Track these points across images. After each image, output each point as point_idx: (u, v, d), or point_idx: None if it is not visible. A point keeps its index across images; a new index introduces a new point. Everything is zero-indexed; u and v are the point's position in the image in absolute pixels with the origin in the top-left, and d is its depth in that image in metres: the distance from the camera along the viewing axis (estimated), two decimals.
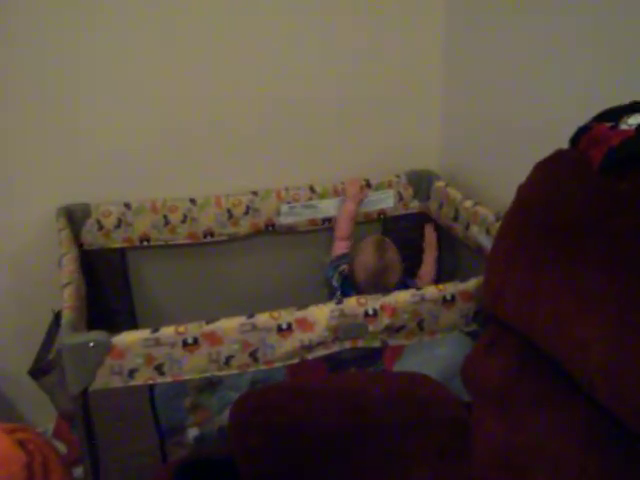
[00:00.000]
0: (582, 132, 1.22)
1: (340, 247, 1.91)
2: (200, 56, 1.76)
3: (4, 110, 1.66)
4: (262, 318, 1.30)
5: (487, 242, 1.62)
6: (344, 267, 1.82)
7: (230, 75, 1.80)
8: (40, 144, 1.72)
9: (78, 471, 1.61)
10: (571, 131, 1.22)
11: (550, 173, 1.24)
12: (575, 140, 1.23)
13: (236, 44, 1.78)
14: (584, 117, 1.22)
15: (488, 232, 1.64)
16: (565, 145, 1.24)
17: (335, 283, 1.82)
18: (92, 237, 1.78)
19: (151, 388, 1.30)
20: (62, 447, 1.78)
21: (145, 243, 1.83)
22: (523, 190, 1.28)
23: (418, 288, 1.43)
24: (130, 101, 1.75)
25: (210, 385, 1.76)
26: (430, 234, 1.99)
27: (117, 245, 1.81)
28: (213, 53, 1.77)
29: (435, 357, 1.63)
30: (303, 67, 1.86)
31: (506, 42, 1.70)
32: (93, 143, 1.76)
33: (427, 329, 1.42)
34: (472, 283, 1.41)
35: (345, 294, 1.74)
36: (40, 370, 1.50)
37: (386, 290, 1.60)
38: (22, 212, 1.76)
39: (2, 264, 1.80)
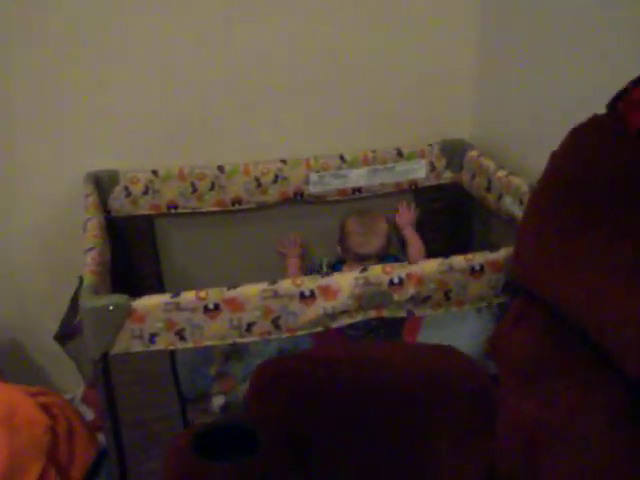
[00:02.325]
0: (620, 96, 1.17)
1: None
2: (229, 20, 1.73)
3: (34, 76, 1.66)
4: (284, 285, 1.27)
5: (520, 212, 1.57)
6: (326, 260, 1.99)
7: (259, 40, 1.77)
8: (70, 110, 1.72)
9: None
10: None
11: (585, 139, 1.20)
12: (613, 105, 1.18)
13: (271, 7, 1.75)
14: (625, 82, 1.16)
15: (521, 202, 1.59)
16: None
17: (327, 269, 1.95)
18: (120, 204, 1.77)
19: (172, 353, 1.30)
20: (90, 413, 1.80)
21: (173, 210, 1.82)
22: (556, 157, 1.24)
23: None
24: (158, 68, 1.73)
25: (236, 353, 1.75)
26: (405, 214, 2.01)
27: (145, 212, 1.80)
28: (245, 17, 1.73)
29: (460, 334, 1.59)
30: (336, 34, 1.82)
31: (543, 5, 1.63)
32: (122, 110, 1.75)
33: (454, 300, 1.39)
34: (502, 253, 1.37)
35: None
36: (65, 335, 1.50)
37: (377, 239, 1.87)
38: (51, 179, 1.77)
39: (31, 230, 1.81)
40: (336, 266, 1.96)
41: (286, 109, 1.86)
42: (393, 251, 1.99)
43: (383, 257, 1.90)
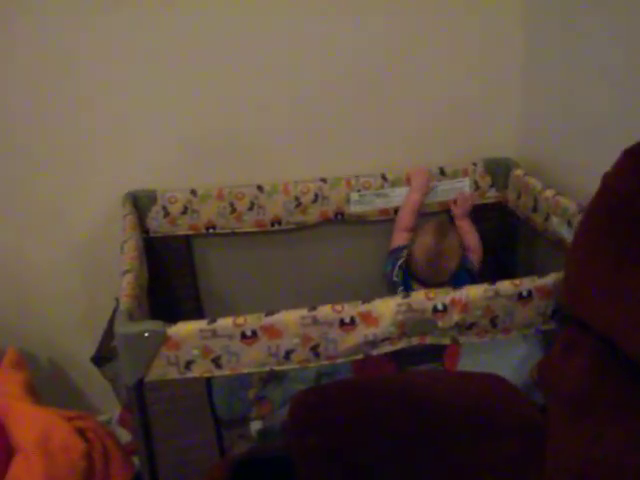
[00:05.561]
0: None
1: (399, 238, 1.84)
2: (272, 42, 1.72)
3: (73, 97, 1.66)
4: (324, 311, 1.23)
5: (568, 234, 1.52)
6: (403, 261, 1.76)
7: (302, 60, 1.75)
8: (108, 131, 1.71)
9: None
10: None
11: None
12: None
13: (308, 26, 1.72)
14: None
15: (570, 224, 1.54)
16: None
17: (396, 278, 1.76)
18: (157, 224, 1.76)
19: (208, 381, 1.26)
20: (126, 434, 1.78)
21: (211, 230, 1.79)
22: (609, 179, 1.19)
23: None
24: (196, 88, 1.72)
25: (275, 377, 1.72)
26: (463, 204, 1.89)
27: (182, 232, 1.78)
28: (281, 35, 1.71)
29: (505, 359, 1.53)
30: (377, 52, 1.79)
31: (590, 26, 1.58)
32: (160, 130, 1.74)
33: (501, 326, 1.33)
34: (550, 278, 1.31)
35: (408, 289, 1.68)
36: (102, 357, 1.49)
37: (443, 274, 1.66)
38: (90, 198, 1.76)
39: (70, 251, 1.80)
40: (406, 281, 1.75)
41: (326, 128, 1.83)
42: None
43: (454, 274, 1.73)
